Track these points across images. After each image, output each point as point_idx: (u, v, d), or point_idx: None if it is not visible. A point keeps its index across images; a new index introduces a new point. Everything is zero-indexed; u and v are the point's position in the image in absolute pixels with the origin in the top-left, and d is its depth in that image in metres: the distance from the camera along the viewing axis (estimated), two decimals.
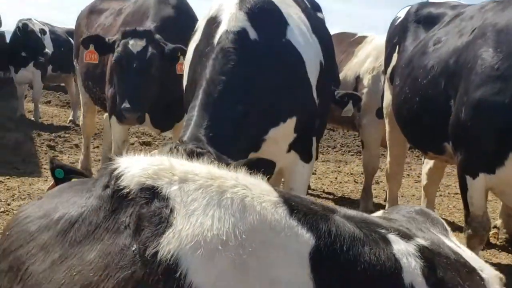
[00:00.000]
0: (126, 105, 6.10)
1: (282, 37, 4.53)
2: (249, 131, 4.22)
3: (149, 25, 6.86)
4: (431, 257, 2.64)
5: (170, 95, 6.88)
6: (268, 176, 3.73)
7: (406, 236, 2.67)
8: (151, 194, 2.35)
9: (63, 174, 3.05)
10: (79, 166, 8.81)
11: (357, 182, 11.04)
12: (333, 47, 6.13)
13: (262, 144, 4.44)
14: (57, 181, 3.03)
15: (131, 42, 6.37)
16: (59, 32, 15.14)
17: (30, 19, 14.39)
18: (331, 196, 9.59)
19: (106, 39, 6.67)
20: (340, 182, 11.08)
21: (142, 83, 6.26)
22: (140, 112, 6.19)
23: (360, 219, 2.60)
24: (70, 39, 14.02)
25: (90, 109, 8.49)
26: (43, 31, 14.18)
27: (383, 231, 2.60)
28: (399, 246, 2.57)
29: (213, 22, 4.50)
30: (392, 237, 2.59)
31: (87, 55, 6.72)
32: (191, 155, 3.50)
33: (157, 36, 6.52)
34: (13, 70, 14.08)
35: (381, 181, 9.41)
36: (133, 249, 2.22)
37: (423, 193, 7.31)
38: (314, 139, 4.87)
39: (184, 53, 6.41)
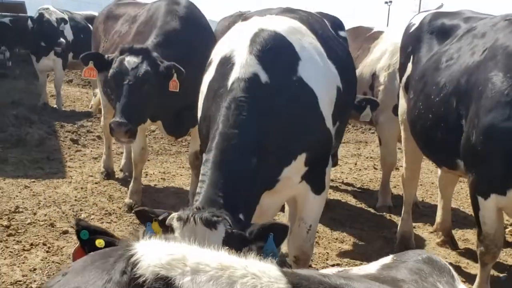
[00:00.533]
0: (115, 119, 6.30)
1: (293, 75, 4.60)
2: (264, 177, 4.34)
3: (152, 39, 7.04)
4: None
5: (181, 103, 7.06)
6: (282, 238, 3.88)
7: None
8: (165, 284, 2.48)
9: (88, 236, 3.20)
10: (101, 164, 9.01)
11: (376, 169, 11.15)
12: (353, 64, 6.22)
13: (277, 184, 4.56)
14: (82, 242, 3.19)
15: (127, 59, 6.53)
16: (78, 19, 15.25)
17: (48, 8, 14.51)
18: (350, 188, 9.70)
19: (106, 56, 6.83)
20: (360, 169, 11.20)
21: (133, 99, 6.42)
22: (130, 126, 6.32)
23: None
24: (90, 25, 14.13)
25: (110, 111, 8.64)
26: (62, 20, 14.31)
27: None
28: None
29: (226, 63, 4.58)
30: None
31: (86, 71, 6.89)
32: (208, 225, 3.66)
33: (154, 54, 6.68)
34: (35, 59, 14.27)
35: (401, 165, 9.46)
36: None
37: (439, 194, 7.39)
38: (327, 169, 4.96)
39: (177, 70, 6.59)
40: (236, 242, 3.76)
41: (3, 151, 9.99)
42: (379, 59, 8.53)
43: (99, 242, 3.19)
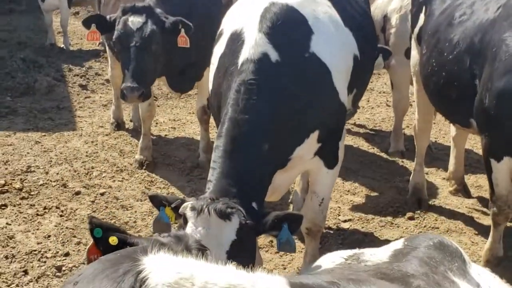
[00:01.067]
0: (127, 84, 6.21)
1: (305, 51, 4.45)
2: (276, 158, 4.27)
3: None
4: None
5: (186, 59, 6.95)
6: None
7: None
8: None
9: (102, 233, 3.21)
10: (111, 115, 8.96)
11: (389, 106, 10.99)
12: (373, 25, 6.04)
13: (288, 163, 4.50)
14: (96, 240, 3.20)
15: (130, 19, 6.37)
16: None
17: None
18: (362, 130, 9.61)
19: (108, 17, 6.66)
20: (372, 107, 11.03)
21: (143, 60, 6.32)
22: (142, 89, 6.26)
23: None
24: None
25: (116, 61, 8.50)
26: None
27: None
28: None
29: (236, 39, 4.44)
30: None
31: (89, 35, 6.76)
32: (223, 216, 3.64)
33: (157, 10, 6.50)
34: None
35: (411, 103, 9.32)
36: None
37: (452, 143, 7.31)
38: (341, 143, 4.88)
39: (185, 25, 6.42)
40: (250, 233, 3.76)
41: (13, 100, 9.94)
42: (390, 0, 8.28)
43: (112, 240, 3.18)
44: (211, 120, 6.84)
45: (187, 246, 3.23)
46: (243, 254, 3.73)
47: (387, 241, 5.85)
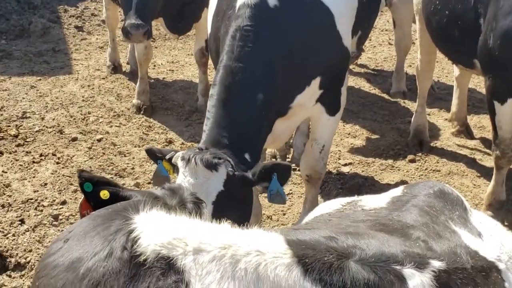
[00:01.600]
0: (131, 21, 6.01)
1: None
2: (275, 107, 4.14)
3: None
4: (446, 281, 2.70)
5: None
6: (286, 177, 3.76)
7: (421, 264, 2.70)
8: (167, 265, 2.42)
9: (92, 187, 3.12)
10: (107, 58, 8.78)
11: (391, 44, 10.77)
12: None
13: (289, 111, 4.36)
14: (87, 195, 3.12)
15: None
16: None
17: None
18: (363, 70, 9.43)
19: None
20: (374, 46, 10.81)
21: None
22: (148, 27, 6.09)
23: (377, 257, 2.63)
24: None
25: (111, 2, 8.28)
26: None
27: (398, 267, 2.64)
28: (415, 281, 2.62)
29: None
30: (407, 272, 2.63)
31: None
32: (209, 166, 3.55)
33: None
34: None
35: (414, 41, 9.10)
36: None
37: (455, 83, 7.15)
38: (343, 89, 4.73)
39: None
40: (238, 184, 3.68)
41: (8, 43, 9.74)
42: None
43: (104, 194, 3.09)
44: (210, 62, 6.68)
45: (182, 199, 3.14)
46: (232, 206, 3.68)
47: (387, 185, 5.80)
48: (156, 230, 2.52)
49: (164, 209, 2.74)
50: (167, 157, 3.84)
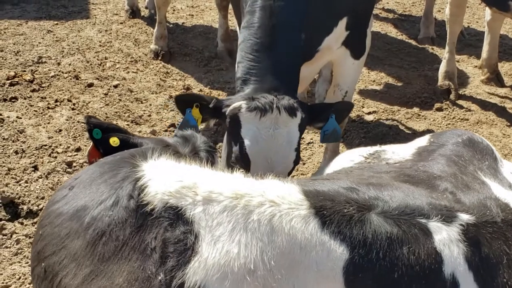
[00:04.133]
0: None
1: None
2: (307, 51, 3.92)
3: None
4: (475, 235, 2.53)
5: None
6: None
7: (448, 218, 2.52)
8: (175, 215, 2.28)
9: (101, 134, 2.98)
10: (125, 2, 8.53)
11: None
12: None
13: (316, 54, 4.13)
14: (96, 142, 2.98)
15: None
16: None
17: None
18: (390, 15, 9.09)
19: None
20: None
21: None
22: None
23: (400, 210, 2.45)
24: None
25: None
26: None
27: (423, 221, 2.47)
28: (441, 235, 2.46)
29: None
30: (433, 225, 2.47)
31: None
32: (291, 112, 3.43)
33: None
34: None
35: None
36: (160, 278, 2.21)
37: (486, 29, 6.83)
38: (369, 30, 4.47)
39: None
40: (303, 127, 3.57)
41: None
42: None
43: (113, 141, 2.95)
44: (230, 6, 6.42)
45: (194, 147, 2.96)
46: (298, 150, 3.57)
47: (413, 134, 5.57)
48: (164, 178, 2.35)
49: (174, 157, 2.58)
50: (212, 105, 3.56)
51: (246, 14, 3.81)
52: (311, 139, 5.64)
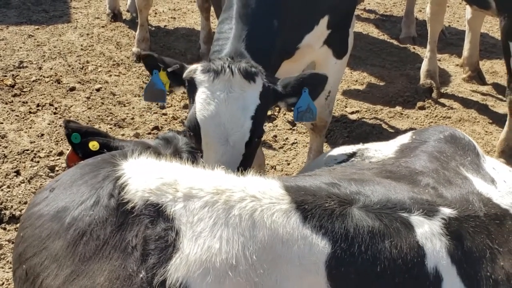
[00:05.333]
0: None
1: None
2: (284, 46, 3.87)
3: None
4: (457, 229, 2.54)
5: None
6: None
7: (430, 212, 2.53)
8: (156, 212, 2.28)
9: (80, 138, 2.95)
10: (107, 5, 8.49)
11: None
12: None
13: (297, 52, 4.11)
14: (74, 146, 2.95)
15: None
16: None
17: None
18: (372, 16, 9.12)
19: None
20: None
21: None
22: None
23: (382, 204, 2.46)
24: None
25: None
26: None
27: (405, 215, 2.48)
28: (423, 229, 2.47)
29: None
30: (415, 219, 2.48)
31: None
32: (246, 75, 3.24)
33: None
34: None
35: None
36: (141, 275, 2.21)
37: (467, 27, 6.87)
38: (351, 30, 4.47)
39: None
40: (270, 98, 3.38)
41: None
42: None
43: (93, 145, 2.93)
44: (213, 8, 6.41)
45: (176, 149, 2.95)
46: (262, 124, 3.37)
47: (396, 133, 5.58)
48: (144, 175, 2.35)
49: (155, 157, 2.57)
50: (170, 69, 3.43)
51: (224, 8, 3.80)
52: (295, 139, 5.65)
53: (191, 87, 3.35)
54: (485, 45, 7.82)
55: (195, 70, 3.34)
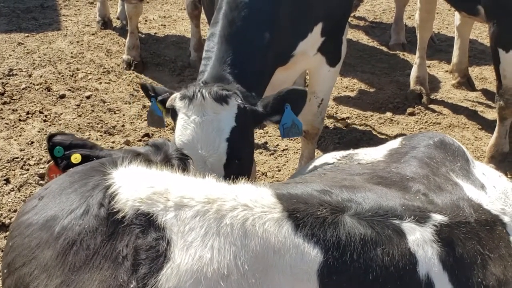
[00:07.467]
0: None
1: None
2: (277, 54, 3.87)
3: None
4: (448, 235, 2.54)
5: None
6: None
7: (422, 218, 2.53)
8: (146, 221, 2.26)
9: (63, 152, 2.92)
10: (97, 13, 8.48)
11: None
12: None
13: (291, 59, 4.11)
14: (56, 159, 2.92)
15: None
16: None
17: None
18: (362, 23, 9.15)
19: None
20: None
21: None
22: None
23: (374, 211, 2.45)
24: None
25: None
26: None
27: (397, 222, 2.47)
28: (415, 236, 2.46)
29: None
30: (406, 226, 2.47)
31: None
32: (217, 98, 3.27)
33: None
34: None
35: None
36: (132, 286, 2.18)
37: (456, 33, 6.90)
38: (344, 37, 4.48)
39: None
40: (249, 119, 3.39)
41: None
42: None
43: (75, 158, 2.89)
44: (203, 16, 6.41)
45: (166, 155, 2.94)
46: (245, 145, 3.39)
47: (386, 139, 5.57)
48: (135, 184, 2.33)
49: (145, 165, 2.56)
50: (159, 98, 3.53)
51: (212, 21, 3.80)
52: (286, 145, 5.65)
53: (174, 115, 3.43)
54: (474, 52, 7.86)
55: (175, 98, 3.41)
